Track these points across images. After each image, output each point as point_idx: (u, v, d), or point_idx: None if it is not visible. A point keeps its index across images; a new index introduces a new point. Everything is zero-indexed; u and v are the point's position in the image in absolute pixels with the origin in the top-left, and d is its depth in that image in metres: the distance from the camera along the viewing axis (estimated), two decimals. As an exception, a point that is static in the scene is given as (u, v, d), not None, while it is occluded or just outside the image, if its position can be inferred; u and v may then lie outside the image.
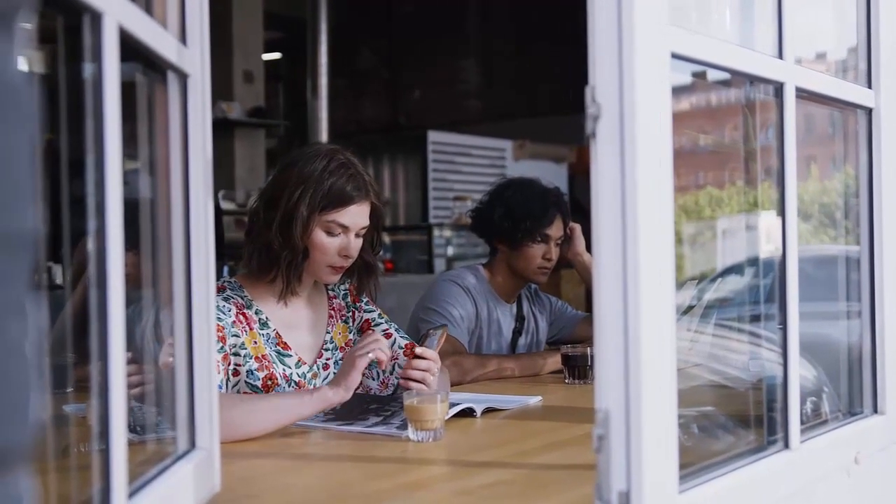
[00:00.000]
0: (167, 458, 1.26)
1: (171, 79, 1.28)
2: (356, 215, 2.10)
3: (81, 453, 1.31)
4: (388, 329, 2.29)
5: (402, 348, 2.27)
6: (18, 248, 0.49)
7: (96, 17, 0.95)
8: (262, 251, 2.11)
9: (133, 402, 1.28)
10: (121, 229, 0.98)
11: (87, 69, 0.97)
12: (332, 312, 2.27)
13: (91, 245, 0.96)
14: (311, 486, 1.54)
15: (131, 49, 1.06)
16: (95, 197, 0.95)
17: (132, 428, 1.17)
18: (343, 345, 2.26)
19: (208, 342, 1.34)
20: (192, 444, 1.32)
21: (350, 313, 2.30)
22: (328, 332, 2.24)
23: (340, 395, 1.89)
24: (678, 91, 1.21)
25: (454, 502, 1.43)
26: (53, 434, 1.14)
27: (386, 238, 7.44)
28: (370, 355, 1.92)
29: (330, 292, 2.30)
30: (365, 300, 2.33)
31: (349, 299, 2.31)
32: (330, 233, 2.09)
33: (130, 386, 1.35)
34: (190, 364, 1.31)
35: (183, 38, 1.30)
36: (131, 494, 1.04)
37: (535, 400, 2.27)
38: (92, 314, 0.96)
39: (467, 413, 2.03)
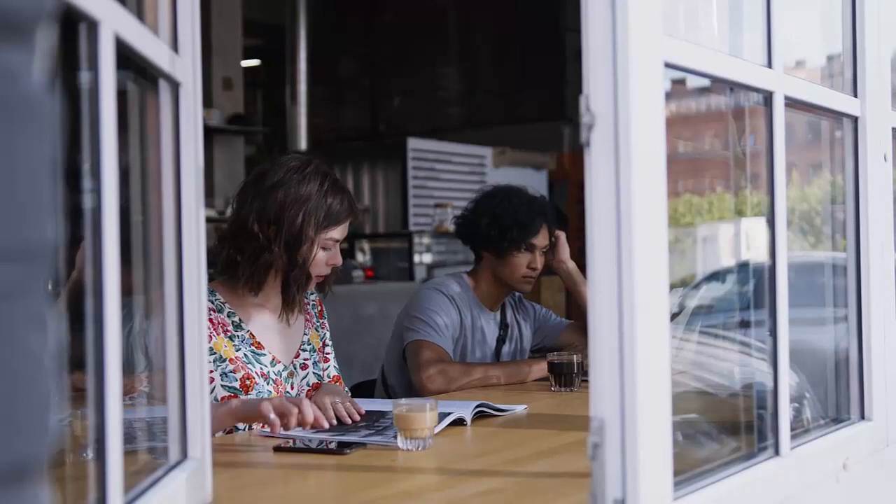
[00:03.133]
0: (159, 468, 1.25)
1: (163, 87, 1.27)
2: (346, 228, 2.25)
3: (70, 463, 1.29)
4: (329, 354, 2.41)
5: (330, 377, 2.37)
6: (39, 260, 0.49)
7: (93, 26, 0.94)
8: (262, 269, 2.16)
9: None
10: (117, 238, 0.97)
11: (83, 77, 0.96)
12: (308, 316, 2.37)
13: (87, 253, 0.95)
14: (302, 497, 1.53)
15: (124, 57, 1.05)
16: (92, 204, 0.95)
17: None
18: (317, 349, 2.36)
19: (200, 352, 1.33)
20: (185, 455, 1.31)
21: (320, 323, 2.41)
22: (305, 334, 2.33)
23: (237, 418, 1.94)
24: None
25: (447, 511, 1.42)
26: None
27: (366, 245, 7.42)
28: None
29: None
30: (324, 319, 2.43)
31: (316, 311, 2.41)
32: (325, 248, 2.21)
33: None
34: (182, 374, 1.30)
35: (175, 46, 1.29)
36: (126, 506, 1.03)
37: (520, 409, 2.27)
38: (88, 323, 0.95)
39: (456, 422, 2.03)
